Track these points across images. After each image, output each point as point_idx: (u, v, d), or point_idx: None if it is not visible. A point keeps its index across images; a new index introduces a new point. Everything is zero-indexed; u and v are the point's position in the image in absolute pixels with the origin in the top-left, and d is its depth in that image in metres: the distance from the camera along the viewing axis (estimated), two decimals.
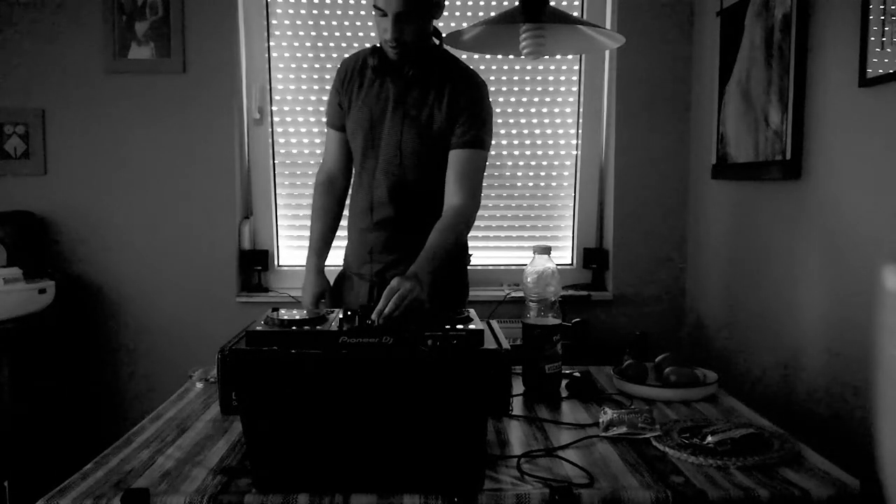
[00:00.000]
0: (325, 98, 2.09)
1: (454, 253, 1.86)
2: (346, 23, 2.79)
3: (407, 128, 1.84)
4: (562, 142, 2.88)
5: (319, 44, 2.80)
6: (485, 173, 1.95)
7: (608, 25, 2.77)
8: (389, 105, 1.86)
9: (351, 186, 2.01)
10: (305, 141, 2.84)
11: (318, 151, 2.82)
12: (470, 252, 2.01)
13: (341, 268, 2.06)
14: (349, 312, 1.30)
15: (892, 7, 1.59)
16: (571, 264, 2.93)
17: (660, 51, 2.76)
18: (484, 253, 2.90)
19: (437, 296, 1.66)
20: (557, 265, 1.68)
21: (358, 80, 1.91)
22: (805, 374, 1.98)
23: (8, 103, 2.70)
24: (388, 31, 1.73)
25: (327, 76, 2.77)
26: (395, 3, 1.70)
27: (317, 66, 2.80)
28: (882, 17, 1.62)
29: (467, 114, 1.82)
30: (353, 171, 1.98)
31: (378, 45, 1.85)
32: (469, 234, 2.77)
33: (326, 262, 2.04)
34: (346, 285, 2.02)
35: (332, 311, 1.36)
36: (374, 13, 1.77)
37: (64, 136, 2.72)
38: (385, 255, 1.92)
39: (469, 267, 2.83)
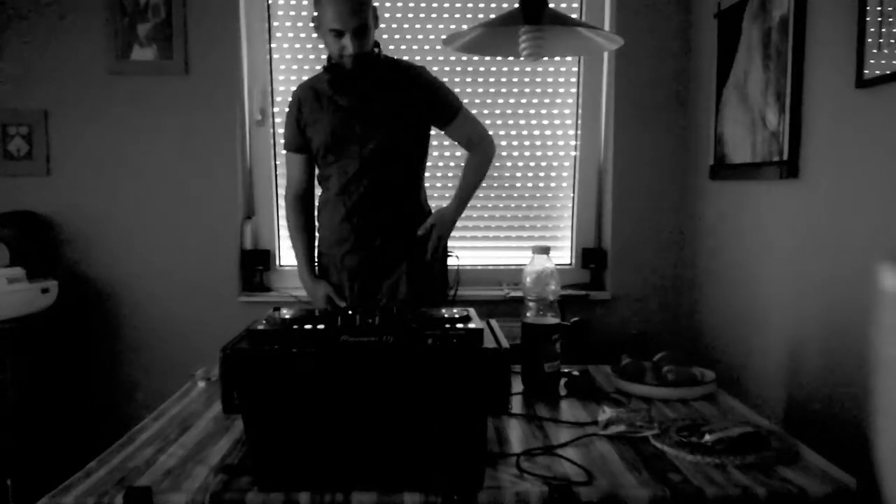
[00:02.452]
0: None
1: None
2: None
3: (375, 124, 2.03)
4: (561, 143, 2.89)
5: (320, 45, 2.79)
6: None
7: (607, 27, 2.78)
8: (353, 108, 2.05)
9: (324, 186, 2.17)
10: None
11: None
12: (455, 254, 2.29)
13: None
14: (350, 312, 1.31)
15: (889, 9, 1.60)
16: (570, 264, 2.94)
17: (658, 52, 2.77)
18: (483, 253, 2.91)
19: (419, 294, 2.08)
20: (556, 265, 1.69)
21: (313, 100, 2.11)
22: (802, 372, 1.99)
23: (11, 104, 2.71)
24: (347, 47, 1.93)
25: None
26: (352, 21, 1.90)
27: (317, 67, 2.79)
28: (879, 19, 1.63)
29: (431, 97, 2.09)
30: (323, 176, 2.16)
31: (326, 65, 2.04)
32: (469, 234, 2.97)
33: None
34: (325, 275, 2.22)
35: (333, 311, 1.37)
36: (326, 36, 1.96)
37: (67, 137, 2.73)
38: (364, 241, 2.11)
39: (469, 267, 2.97)
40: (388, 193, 2.10)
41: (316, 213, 2.24)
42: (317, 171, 2.20)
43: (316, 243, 2.25)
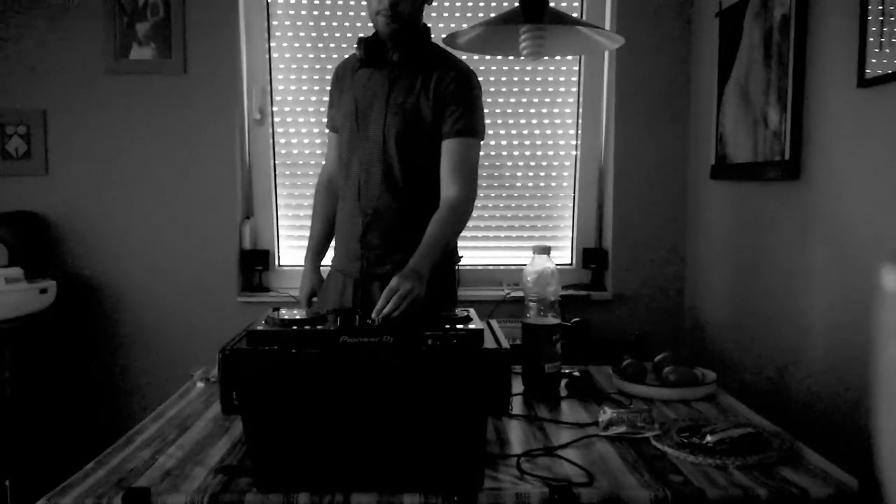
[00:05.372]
0: (326, 99, 2.10)
1: (453, 244, 1.85)
2: (347, 24, 2.79)
3: (392, 115, 1.81)
4: (561, 142, 2.89)
5: (320, 44, 2.80)
6: (484, 172, 1.95)
7: (607, 26, 2.78)
8: (376, 94, 1.84)
9: (343, 172, 1.95)
10: (306, 141, 2.85)
11: (319, 152, 2.83)
12: (460, 254, 1.99)
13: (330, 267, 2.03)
14: (349, 312, 1.31)
15: (891, 8, 1.59)
16: (571, 264, 2.93)
17: (659, 51, 2.77)
18: (484, 253, 2.90)
19: (426, 297, 1.59)
20: (557, 265, 1.69)
21: (349, 77, 1.92)
22: (804, 373, 1.99)
23: (9, 104, 2.70)
24: (384, 0, 1.73)
25: (328, 77, 2.76)
26: None
27: (317, 66, 2.81)
28: (881, 18, 1.63)
29: (457, 103, 1.79)
30: (341, 165, 1.94)
31: (362, 37, 1.84)
32: (469, 234, 2.77)
33: (323, 262, 2.09)
34: (332, 283, 1.99)
35: (332, 311, 1.36)
36: None
37: (65, 136, 2.73)
38: (372, 250, 1.87)
39: (469, 267, 2.79)
40: (403, 181, 1.83)
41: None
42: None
43: (333, 233, 2.02)
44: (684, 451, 1.27)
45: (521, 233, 2.92)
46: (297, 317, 1.24)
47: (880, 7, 1.63)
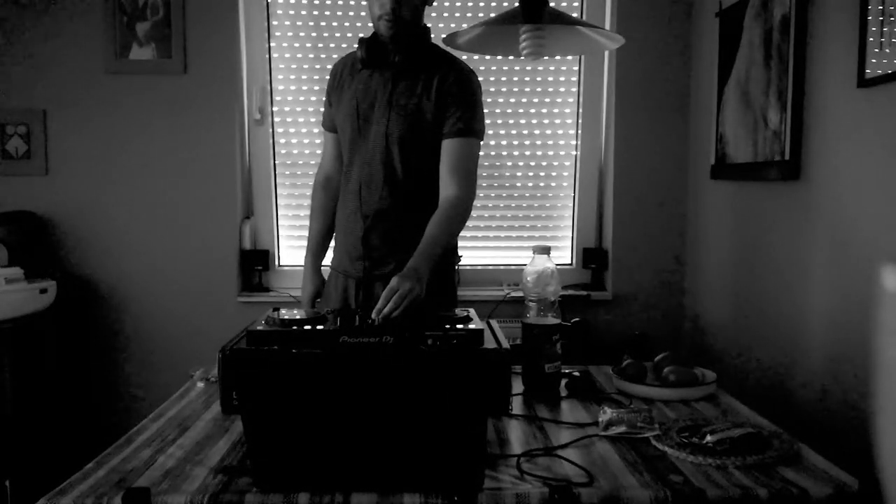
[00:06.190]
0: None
1: (452, 245, 1.85)
2: (347, 24, 2.79)
3: (395, 117, 1.81)
4: (561, 142, 2.89)
5: (320, 44, 2.80)
6: (484, 172, 1.95)
7: (607, 26, 2.78)
8: (378, 95, 1.84)
9: (345, 174, 1.95)
10: (306, 141, 2.85)
11: (319, 152, 2.82)
12: (460, 254, 1.98)
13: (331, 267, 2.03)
14: (349, 312, 1.31)
15: (891, 7, 1.59)
16: (571, 264, 2.93)
17: (659, 51, 2.77)
18: (484, 253, 2.90)
19: (426, 297, 1.58)
20: (557, 265, 1.69)
21: (349, 77, 1.92)
22: (804, 373, 1.99)
23: (9, 104, 2.70)
24: (385, 4, 1.74)
25: (328, 77, 2.77)
26: None
27: (317, 66, 2.81)
28: (881, 18, 1.62)
29: (457, 103, 1.80)
30: (342, 166, 1.95)
31: (363, 37, 1.84)
32: (469, 234, 2.77)
33: (323, 262, 2.08)
34: (333, 283, 1.99)
35: (332, 311, 1.36)
36: None
37: (65, 136, 2.73)
38: (374, 251, 1.87)
39: (469, 267, 2.79)
40: (405, 181, 1.84)
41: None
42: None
43: (332, 233, 2.03)
44: (684, 451, 1.27)
45: (521, 233, 2.92)
46: (297, 317, 1.24)
47: (880, 7, 1.62)
